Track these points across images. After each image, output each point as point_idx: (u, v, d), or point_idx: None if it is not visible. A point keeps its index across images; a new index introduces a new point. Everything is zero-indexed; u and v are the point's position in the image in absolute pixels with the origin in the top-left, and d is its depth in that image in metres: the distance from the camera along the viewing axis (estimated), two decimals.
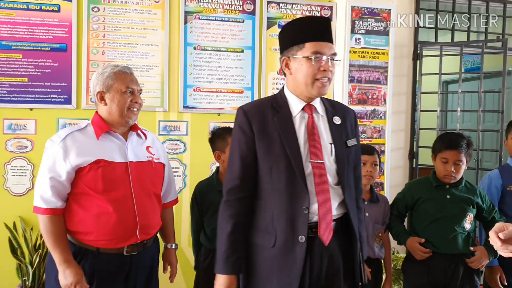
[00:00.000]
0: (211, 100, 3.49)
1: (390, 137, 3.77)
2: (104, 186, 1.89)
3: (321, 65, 1.70)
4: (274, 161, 1.71)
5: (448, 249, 2.41)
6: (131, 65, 3.26)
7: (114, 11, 3.31)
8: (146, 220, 1.98)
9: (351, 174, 1.83)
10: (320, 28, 1.74)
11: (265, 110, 1.77)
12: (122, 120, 1.99)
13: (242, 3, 3.54)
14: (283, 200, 1.70)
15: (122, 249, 1.93)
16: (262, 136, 1.73)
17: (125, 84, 1.98)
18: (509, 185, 2.64)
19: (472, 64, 5.57)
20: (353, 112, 1.92)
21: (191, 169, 3.44)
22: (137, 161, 2.00)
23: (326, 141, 1.76)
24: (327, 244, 1.70)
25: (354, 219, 1.79)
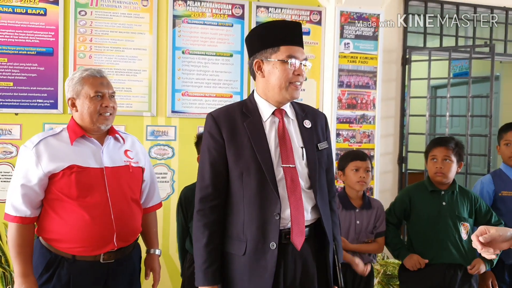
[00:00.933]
0: (200, 105, 3.46)
1: (379, 142, 3.77)
2: (78, 192, 1.86)
3: (295, 69, 1.70)
4: (245, 167, 1.69)
5: (445, 259, 2.41)
6: (119, 69, 3.28)
7: (101, 15, 3.27)
8: (124, 227, 1.94)
9: (323, 177, 1.83)
10: (293, 32, 1.74)
11: (235, 115, 1.75)
12: (94, 126, 1.95)
13: (231, 8, 3.52)
14: (254, 207, 1.68)
15: (99, 256, 1.90)
16: (232, 142, 1.71)
17: (93, 88, 1.94)
18: (501, 190, 2.65)
19: (461, 69, 5.61)
20: (323, 116, 1.92)
21: (179, 175, 3.40)
22: (113, 166, 1.97)
23: (297, 145, 1.76)
24: (300, 249, 1.69)
25: (327, 223, 1.78)
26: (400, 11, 3.89)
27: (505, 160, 2.71)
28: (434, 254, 2.42)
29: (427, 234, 2.45)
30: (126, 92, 3.32)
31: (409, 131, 3.95)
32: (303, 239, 1.69)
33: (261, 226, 1.67)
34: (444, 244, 2.41)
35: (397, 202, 2.59)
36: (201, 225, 1.71)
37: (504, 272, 2.62)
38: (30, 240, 1.89)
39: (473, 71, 3.90)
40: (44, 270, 1.88)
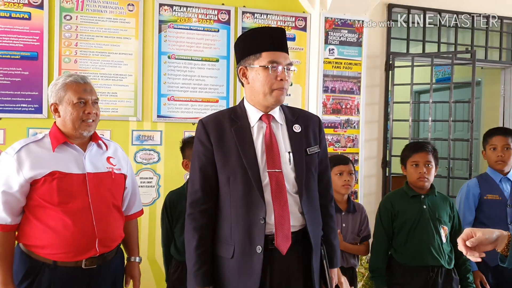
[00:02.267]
0: (186, 109, 3.47)
1: (363, 146, 3.82)
2: (60, 198, 1.85)
3: (277, 74, 1.72)
4: (231, 171, 1.72)
5: (427, 261, 2.45)
6: (104, 74, 3.28)
7: (87, 20, 3.27)
8: (106, 233, 1.94)
9: (313, 182, 1.83)
10: (276, 38, 1.76)
11: (224, 121, 1.78)
12: (76, 133, 1.95)
13: (217, 13, 3.54)
14: (240, 211, 1.71)
15: (81, 262, 1.89)
16: (220, 147, 1.74)
17: (76, 95, 1.93)
18: (486, 194, 2.69)
19: (443, 74, 5.70)
20: (317, 119, 1.92)
21: (165, 180, 3.40)
22: (96, 172, 1.96)
23: (284, 150, 1.77)
24: (285, 254, 1.70)
25: (313, 229, 1.78)
26: (384, 18, 3.95)
27: (491, 164, 2.76)
28: (417, 257, 2.46)
29: (409, 237, 2.49)
30: (112, 96, 3.31)
31: (393, 136, 4.00)
32: (288, 244, 1.70)
33: (248, 230, 1.70)
34: (426, 247, 2.45)
35: (381, 212, 2.60)
36: (191, 229, 1.75)
37: (488, 274, 2.66)
38: (10, 248, 1.88)
39: (455, 76, 3.97)
40: (24, 277, 1.86)
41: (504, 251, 1.39)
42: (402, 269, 2.51)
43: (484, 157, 2.82)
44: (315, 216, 1.82)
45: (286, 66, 1.74)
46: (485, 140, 2.81)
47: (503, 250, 1.39)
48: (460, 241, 1.39)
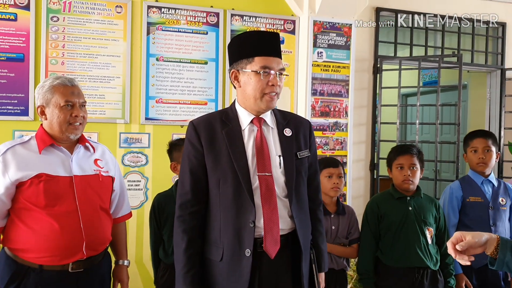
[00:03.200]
0: (174, 112, 3.46)
1: (352, 149, 3.84)
2: (47, 201, 1.83)
3: (269, 79, 1.72)
4: (222, 174, 1.72)
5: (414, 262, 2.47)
6: (92, 76, 3.26)
7: (74, 21, 3.24)
8: (93, 236, 1.92)
9: (303, 186, 1.83)
10: (269, 43, 1.76)
11: (215, 123, 1.78)
12: (63, 136, 1.93)
13: (205, 15, 3.54)
14: (230, 214, 1.71)
15: (67, 265, 1.86)
16: (210, 149, 1.74)
17: (64, 97, 1.91)
18: (469, 196, 2.71)
19: (430, 78, 5.76)
20: (307, 123, 1.92)
21: (153, 182, 3.38)
22: (83, 174, 1.95)
23: (275, 154, 1.77)
24: (273, 258, 1.70)
25: (303, 233, 1.78)
26: (372, 21, 3.98)
27: (472, 167, 2.79)
28: (403, 259, 2.48)
29: (395, 239, 2.51)
30: (99, 99, 3.29)
31: (381, 138, 4.03)
32: (277, 248, 1.70)
33: (237, 233, 1.70)
34: (412, 248, 2.47)
35: (368, 215, 2.62)
36: (181, 231, 1.74)
37: (472, 276, 2.68)
38: None
39: (442, 80, 4.01)
40: (10, 282, 1.83)
41: (493, 254, 1.39)
42: (389, 271, 2.53)
43: (466, 159, 2.83)
44: (305, 220, 1.82)
45: (279, 71, 1.74)
46: (466, 143, 2.83)
47: (492, 253, 1.40)
48: (449, 245, 1.40)
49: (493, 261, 1.41)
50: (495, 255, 1.39)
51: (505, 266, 1.39)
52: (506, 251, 1.38)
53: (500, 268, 1.40)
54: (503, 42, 4.45)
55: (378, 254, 2.57)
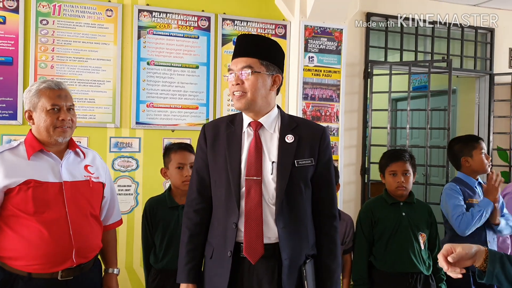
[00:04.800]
0: (165, 116, 3.44)
1: (343, 153, 3.85)
2: (35, 207, 1.80)
3: (231, 80, 1.76)
4: (217, 175, 1.77)
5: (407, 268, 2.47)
6: (82, 80, 3.23)
7: (64, 25, 3.21)
8: (83, 243, 1.89)
9: (299, 195, 1.75)
10: (239, 45, 1.78)
11: (221, 126, 1.84)
12: (51, 140, 1.90)
13: (197, 20, 3.53)
14: (220, 214, 1.76)
15: (57, 273, 1.83)
16: (212, 150, 1.80)
17: (50, 101, 1.88)
18: (467, 198, 2.70)
19: (420, 82, 5.80)
20: (320, 131, 1.81)
21: (143, 187, 3.35)
22: (73, 180, 1.91)
23: (268, 159, 1.74)
24: (256, 264, 1.68)
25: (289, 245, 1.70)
26: (362, 27, 4.00)
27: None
28: (396, 264, 2.48)
29: (389, 244, 2.51)
30: (89, 103, 3.26)
31: (371, 143, 4.04)
32: (257, 255, 1.67)
33: (223, 234, 1.73)
34: (406, 253, 2.47)
35: (362, 220, 2.60)
36: (185, 226, 1.84)
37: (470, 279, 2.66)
38: None
39: (431, 85, 4.04)
40: None
41: (482, 266, 1.37)
42: (382, 276, 2.52)
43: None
44: (296, 232, 1.73)
45: (239, 70, 1.71)
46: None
47: (481, 266, 1.38)
48: (441, 257, 1.37)
49: (482, 274, 1.39)
50: (484, 267, 1.37)
51: (495, 278, 1.36)
52: (495, 263, 1.36)
53: (490, 281, 1.37)
54: (491, 47, 4.50)
55: (371, 259, 2.57)
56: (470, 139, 2.80)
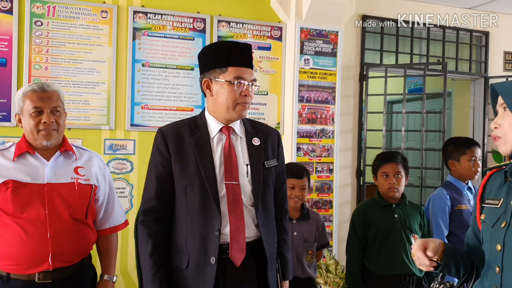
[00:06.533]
0: (160, 118, 3.42)
1: (338, 156, 3.84)
2: (14, 208, 1.80)
3: (242, 90, 1.74)
4: (189, 182, 1.73)
5: (400, 269, 2.47)
6: (76, 82, 3.21)
7: (58, 26, 3.20)
8: (61, 247, 1.85)
9: (269, 195, 1.84)
10: (242, 54, 1.78)
11: (183, 131, 1.79)
12: (37, 142, 1.89)
13: (192, 21, 3.52)
14: (196, 221, 1.72)
15: (33, 275, 1.81)
16: (178, 157, 1.75)
17: (32, 104, 1.86)
18: (457, 204, 2.71)
19: (415, 85, 5.81)
20: (276, 133, 1.94)
21: (138, 190, 3.34)
22: (57, 182, 1.89)
23: (242, 162, 1.78)
24: (239, 266, 1.71)
25: (268, 242, 1.79)
26: (358, 29, 4.00)
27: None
28: (390, 266, 2.48)
29: (381, 246, 2.51)
30: (84, 105, 3.24)
31: (367, 145, 4.05)
32: (242, 255, 1.71)
33: (203, 241, 1.71)
34: (399, 255, 2.48)
35: (355, 223, 2.62)
36: (145, 235, 1.75)
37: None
38: None
39: (427, 87, 4.05)
40: None
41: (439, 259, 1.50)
42: (376, 279, 2.53)
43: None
44: (271, 229, 1.83)
45: (251, 81, 1.76)
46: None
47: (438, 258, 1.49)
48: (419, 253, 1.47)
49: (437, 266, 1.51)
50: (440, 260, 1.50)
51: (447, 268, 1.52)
52: (450, 255, 1.50)
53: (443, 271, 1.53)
54: (486, 50, 4.52)
55: (364, 261, 2.57)
56: (462, 144, 2.79)
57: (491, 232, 1.42)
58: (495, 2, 4.17)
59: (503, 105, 1.41)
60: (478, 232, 1.53)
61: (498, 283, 1.37)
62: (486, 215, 1.48)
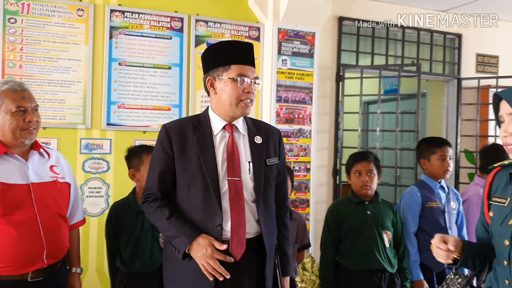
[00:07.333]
0: (137, 117, 3.41)
1: (315, 155, 3.89)
2: (4, 209, 1.79)
3: (245, 87, 1.79)
4: (192, 178, 1.78)
5: (372, 265, 2.52)
6: (52, 80, 3.18)
7: (33, 23, 3.15)
8: (54, 243, 1.90)
9: (271, 192, 1.90)
10: (245, 52, 1.84)
11: (187, 128, 1.84)
12: (17, 142, 1.88)
13: (169, 20, 3.52)
14: (198, 216, 1.77)
15: (27, 275, 1.83)
16: (181, 154, 1.80)
17: (15, 103, 1.85)
18: (427, 202, 2.77)
19: (391, 86, 5.90)
20: (277, 132, 1.99)
21: (114, 189, 3.32)
22: (40, 182, 1.91)
23: (245, 159, 1.83)
24: (239, 259, 1.75)
25: (268, 237, 1.83)
26: (335, 30, 4.06)
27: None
28: (362, 262, 2.53)
29: (354, 243, 2.56)
30: (59, 103, 3.21)
31: (343, 145, 4.10)
32: (242, 250, 1.75)
33: None
34: (371, 251, 2.53)
35: (328, 220, 2.68)
36: (155, 207, 1.80)
37: (433, 279, 2.74)
38: None
39: (403, 88, 4.12)
40: None
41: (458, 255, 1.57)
42: (349, 275, 2.58)
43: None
44: (271, 225, 1.88)
45: (253, 79, 1.81)
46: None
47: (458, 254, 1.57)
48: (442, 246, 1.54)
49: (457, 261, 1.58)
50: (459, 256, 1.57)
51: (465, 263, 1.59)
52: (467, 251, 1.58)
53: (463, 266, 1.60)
54: (459, 52, 4.62)
55: (338, 258, 2.62)
56: (433, 143, 2.85)
57: (500, 229, 1.52)
58: (468, 5, 4.27)
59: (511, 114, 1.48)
60: (487, 225, 1.62)
61: (508, 275, 1.47)
62: (494, 212, 1.58)
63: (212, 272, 1.68)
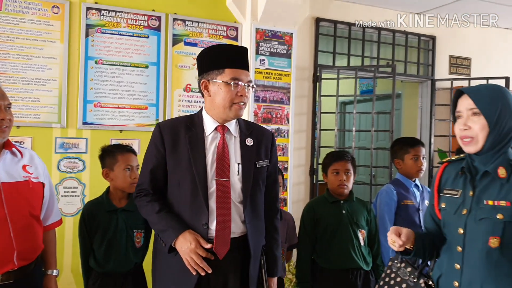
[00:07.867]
0: (113, 116, 3.38)
1: (293, 155, 3.92)
2: None
3: (238, 90, 1.82)
4: (181, 177, 1.82)
5: (348, 264, 2.56)
6: (26, 78, 3.14)
7: (6, 20, 3.09)
8: (25, 245, 1.85)
9: (259, 194, 1.93)
10: (239, 56, 1.87)
11: (180, 128, 1.88)
12: None
13: (147, 19, 3.49)
14: (185, 215, 1.81)
15: None
16: (172, 152, 1.84)
17: None
18: (403, 200, 2.82)
19: (367, 87, 5.99)
20: (270, 134, 2.03)
21: (90, 189, 3.28)
22: (12, 181, 1.86)
23: (234, 161, 1.86)
24: (223, 258, 1.77)
25: (254, 238, 1.86)
26: (312, 31, 4.10)
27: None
28: (338, 260, 2.57)
29: (330, 241, 2.60)
30: (34, 102, 3.16)
31: (320, 145, 4.15)
32: (226, 250, 1.78)
33: None
34: (346, 249, 2.57)
35: (304, 219, 2.71)
36: (145, 202, 1.86)
37: None
38: None
39: (379, 89, 4.19)
40: None
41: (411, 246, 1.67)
42: (325, 273, 2.61)
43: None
44: (258, 226, 1.91)
45: (247, 83, 1.84)
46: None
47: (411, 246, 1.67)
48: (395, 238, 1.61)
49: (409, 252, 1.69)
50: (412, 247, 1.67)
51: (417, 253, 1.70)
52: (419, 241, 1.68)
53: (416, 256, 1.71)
54: (433, 54, 4.73)
55: (314, 257, 2.65)
56: (407, 143, 2.91)
57: (453, 218, 1.62)
58: (442, 8, 4.37)
59: (472, 110, 1.57)
60: (436, 217, 1.72)
61: (460, 260, 1.57)
62: (446, 203, 1.67)
63: (194, 267, 1.72)
